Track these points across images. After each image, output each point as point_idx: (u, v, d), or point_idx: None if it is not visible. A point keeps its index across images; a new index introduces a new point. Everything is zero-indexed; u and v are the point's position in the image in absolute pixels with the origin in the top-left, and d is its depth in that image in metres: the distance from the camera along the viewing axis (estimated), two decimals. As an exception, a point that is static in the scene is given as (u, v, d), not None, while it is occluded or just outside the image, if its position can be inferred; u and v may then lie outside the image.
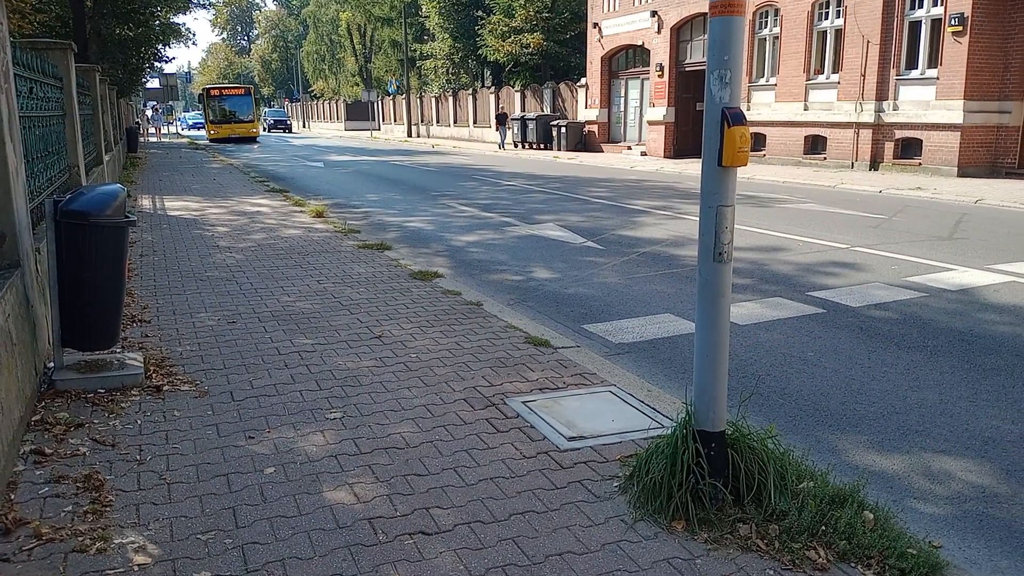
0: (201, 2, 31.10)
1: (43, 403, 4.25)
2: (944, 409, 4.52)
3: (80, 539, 2.94)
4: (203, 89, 48.16)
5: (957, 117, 17.25)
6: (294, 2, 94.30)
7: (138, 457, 3.66)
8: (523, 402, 4.34)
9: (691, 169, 20.90)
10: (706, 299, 3.06)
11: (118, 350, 5.01)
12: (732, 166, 2.90)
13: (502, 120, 34.38)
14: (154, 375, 4.72)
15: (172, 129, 62.24)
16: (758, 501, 3.08)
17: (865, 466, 3.84)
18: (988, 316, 6.39)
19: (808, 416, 4.46)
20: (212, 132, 44.21)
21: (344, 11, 65.55)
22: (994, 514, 3.40)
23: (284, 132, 63.57)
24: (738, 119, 2.86)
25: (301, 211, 12.80)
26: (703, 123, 2.97)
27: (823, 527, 2.93)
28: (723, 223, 2.96)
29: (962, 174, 17.33)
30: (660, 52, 26.57)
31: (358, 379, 4.75)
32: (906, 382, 4.95)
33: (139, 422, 4.07)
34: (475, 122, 43.00)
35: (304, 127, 75.83)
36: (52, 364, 4.65)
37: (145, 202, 14.23)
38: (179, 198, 14.90)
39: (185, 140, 48.03)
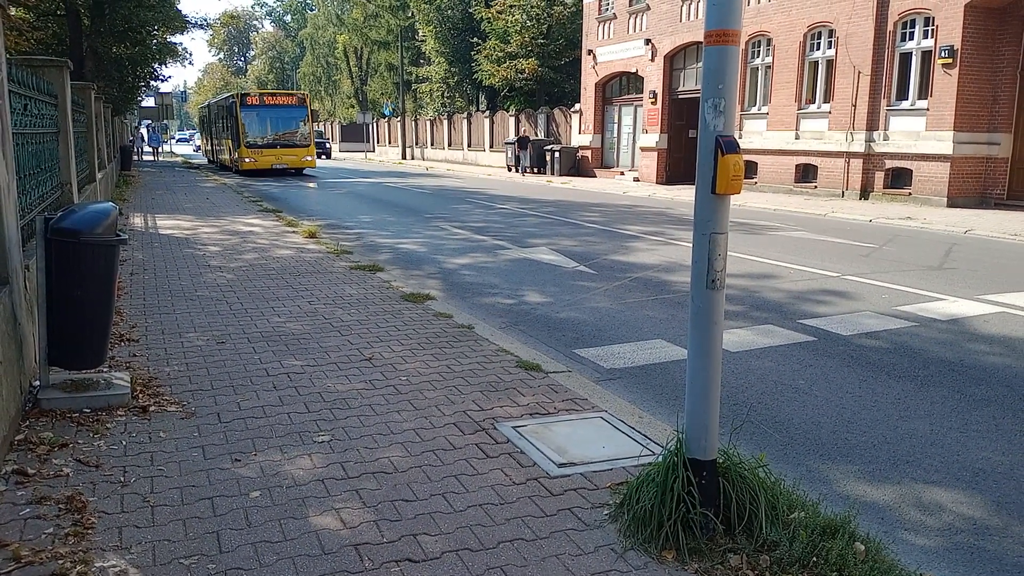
0: (198, 22, 31.26)
1: (27, 422, 4.20)
2: (935, 439, 4.51)
3: (60, 562, 2.88)
4: (236, 95, 32.19)
5: (947, 148, 17.42)
6: (291, 24, 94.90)
7: (122, 479, 3.61)
8: (513, 427, 4.31)
9: (683, 195, 21.02)
10: (699, 326, 3.05)
11: (105, 369, 4.96)
12: (726, 194, 2.90)
13: (523, 144, 32.91)
14: (141, 395, 4.67)
15: (166, 148, 60.11)
16: (749, 531, 3.05)
17: (856, 496, 3.82)
18: (978, 347, 6.41)
19: (799, 445, 4.44)
20: (248, 160, 30.08)
21: (341, 34, 65.96)
22: (985, 547, 3.37)
23: (322, 157, 47.61)
24: (732, 147, 2.87)
25: (294, 231, 12.78)
26: (697, 151, 2.98)
27: (814, 558, 2.91)
28: (716, 250, 2.96)
29: (951, 204, 17.47)
30: (653, 79, 26.80)
31: (347, 402, 4.71)
32: (897, 412, 4.94)
33: (124, 443, 4.02)
34: (470, 145, 43.19)
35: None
36: (38, 383, 4.59)
37: (137, 220, 14.19)
38: (171, 216, 14.87)
39: (179, 159, 47.33)
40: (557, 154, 31.23)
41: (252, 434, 4.18)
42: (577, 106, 32.14)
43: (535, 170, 32.24)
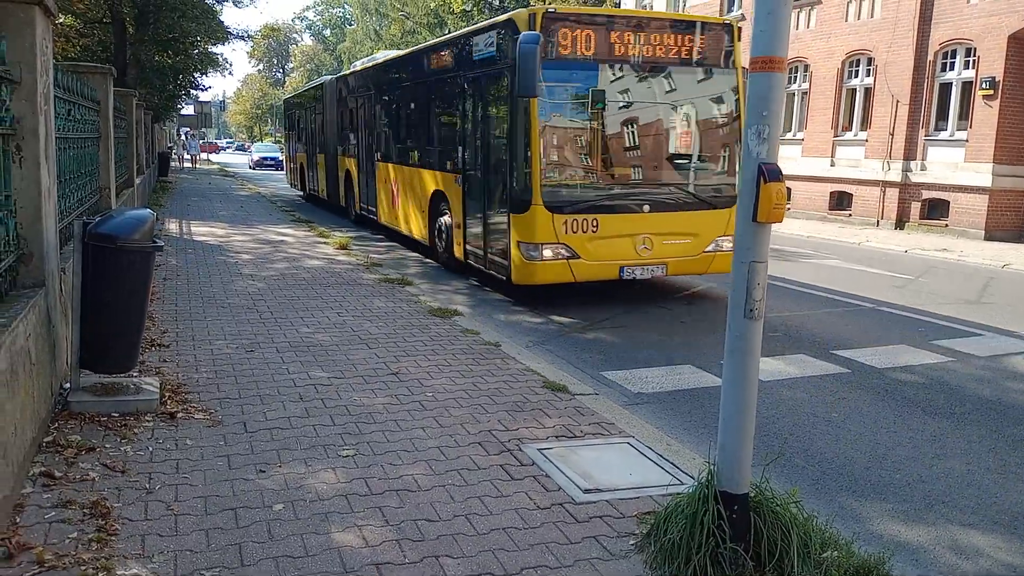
0: (240, 34, 31.71)
1: (56, 424, 4.23)
2: (971, 480, 4.38)
3: (83, 568, 2.87)
4: (533, 16, 7.82)
5: (986, 180, 17.13)
6: (330, 38, 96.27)
7: (147, 485, 3.61)
8: (539, 449, 4.25)
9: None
10: (735, 356, 2.99)
11: (135, 374, 4.99)
12: (767, 222, 2.85)
13: None
14: (169, 401, 4.69)
15: (202, 156, 57.60)
16: (780, 569, 2.96)
17: (890, 536, 3.71)
18: (1018, 385, 6.24)
19: (831, 480, 4.34)
20: (550, 254, 8.08)
21: (379, 49, 66.82)
22: (1026, 596, 3.25)
23: None
24: (775, 175, 2.82)
25: (325, 242, 12.86)
26: (739, 177, 2.93)
27: (848, 601, 2.80)
28: (756, 279, 2.90)
29: (989, 237, 17.14)
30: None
31: (372, 416, 4.69)
32: (932, 449, 4.81)
33: (150, 449, 4.03)
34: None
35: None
36: (68, 385, 4.63)
37: (172, 226, 14.38)
38: (205, 223, 15.05)
39: (215, 167, 47.20)
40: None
41: (277, 445, 4.17)
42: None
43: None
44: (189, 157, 43.28)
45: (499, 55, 8.80)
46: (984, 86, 17.04)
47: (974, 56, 17.49)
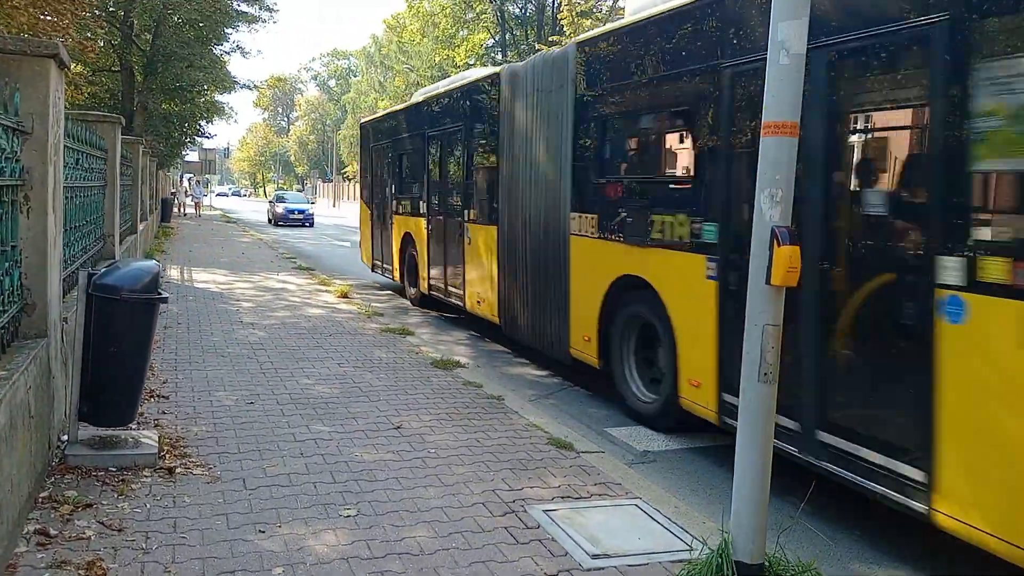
0: (247, 84, 32.25)
1: (53, 478, 4.14)
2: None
3: (75, 634, 2.78)
4: None
5: None
6: (335, 89, 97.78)
7: (144, 545, 3.51)
8: (544, 511, 4.16)
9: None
10: (749, 420, 2.94)
11: (134, 427, 4.91)
12: (782, 285, 2.83)
13: None
14: (168, 456, 4.60)
15: (206, 202, 54.44)
16: (796, 643, 2.86)
17: (906, 607, 3.61)
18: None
19: (843, 546, 4.24)
20: None
21: (383, 100, 67.76)
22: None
23: None
24: (788, 239, 2.81)
25: (326, 290, 12.83)
26: (751, 241, 2.93)
27: None
28: (769, 343, 2.87)
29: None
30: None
31: (374, 473, 4.60)
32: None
33: (148, 506, 3.93)
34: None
35: (334, 206, 77.25)
36: (66, 437, 4.55)
37: (173, 272, 14.37)
38: (207, 270, 15.05)
39: (218, 212, 46.65)
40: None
41: (277, 504, 4.08)
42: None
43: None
44: (192, 204, 39.68)
45: None
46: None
47: None
